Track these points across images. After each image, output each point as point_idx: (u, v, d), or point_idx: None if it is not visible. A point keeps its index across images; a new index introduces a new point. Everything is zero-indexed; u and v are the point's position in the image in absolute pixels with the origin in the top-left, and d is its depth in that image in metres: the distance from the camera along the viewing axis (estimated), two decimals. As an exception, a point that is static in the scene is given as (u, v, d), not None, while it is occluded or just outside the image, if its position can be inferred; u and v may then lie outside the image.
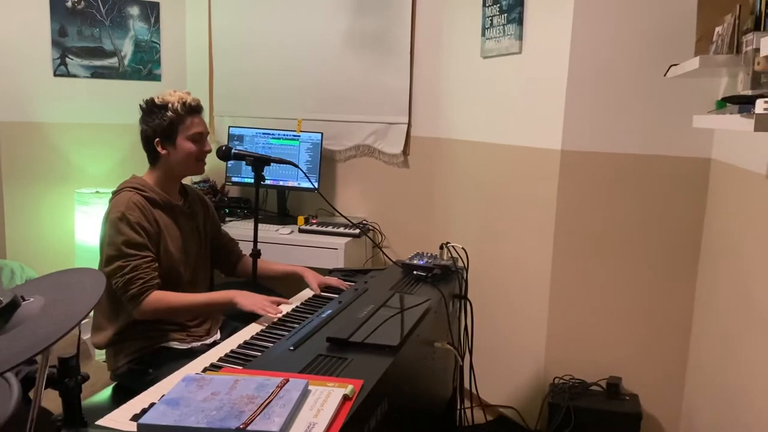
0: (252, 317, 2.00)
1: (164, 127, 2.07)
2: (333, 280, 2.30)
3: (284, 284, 2.45)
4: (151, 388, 1.47)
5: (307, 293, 2.24)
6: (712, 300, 2.35)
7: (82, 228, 3.38)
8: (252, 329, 1.89)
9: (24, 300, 1.15)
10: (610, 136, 2.53)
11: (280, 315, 1.96)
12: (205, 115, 2.20)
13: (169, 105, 2.06)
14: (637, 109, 2.49)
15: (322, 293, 2.23)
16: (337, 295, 2.12)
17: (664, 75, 2.22)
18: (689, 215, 2.50)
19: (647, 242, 2.55)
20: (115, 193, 2.07)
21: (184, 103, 2.08)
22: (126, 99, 3.57)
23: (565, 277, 2.65)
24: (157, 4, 3.68)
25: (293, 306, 2.10)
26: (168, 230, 2.09)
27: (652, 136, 2.49)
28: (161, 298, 1.99)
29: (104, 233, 2.01)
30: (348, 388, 1.26)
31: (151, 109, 2.09)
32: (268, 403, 1.18)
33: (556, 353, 2.71)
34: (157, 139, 2.08)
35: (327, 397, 1.23)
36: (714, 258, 2.36)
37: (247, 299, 2.00)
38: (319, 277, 2.30)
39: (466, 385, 2.40)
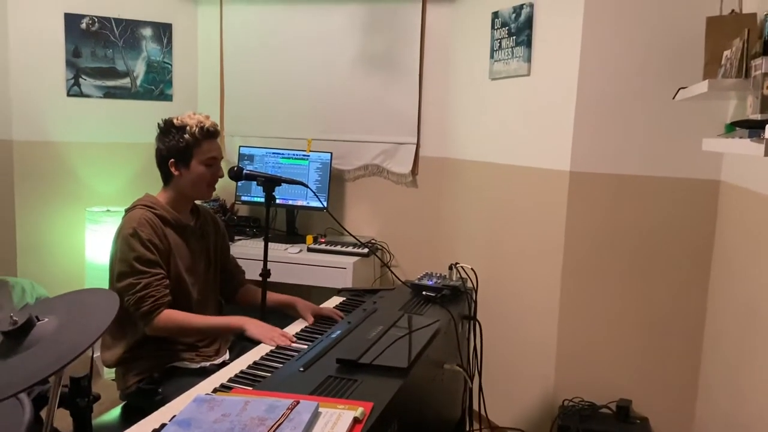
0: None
1: (180, 149, 2.09)
2: (327, 310, 2.23)
3: (279, 314, 2.39)
4: (162, 409, 1.47)
5: (302, 323, 2.18)
6: (722, 322, 2.34)
7: (92, 246, 3.40)
8: (261, 349, 1.89)
9: (38, 320, 1.16)
10: (619, 158, 2.54)
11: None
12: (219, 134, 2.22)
13: (188, 128, 2.08)
14: (646, 131, 2.50)
15: (317, 324, 2.17)
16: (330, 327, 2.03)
17: (673, 98, 2.23)
18: (699, 237, 2.49)
19: (657, 264, 2.54)
20: (128, 210, 2.10)
21: (202, 128, 2.10)
22: (137, 119, 3.61)
23: (574, 299, 2.65)
24: (170, 25, 3.74)
25: (301, 327, 2.09)
26: (178, 249, 2.10)
27: (661, 157, 2.49)
28: (173, 317, 2.00)
29: (115, 249, 2.03)
30: (358, 411, 1.26)
31: (169, 129, 2.11)
32: (279, 425, 1.18)
33: (566, 375, 2.69)
34: (172, 160, 2.10)
35: (337, 419, 1.23)
36: (724, 280, 2.35)
37: (257, 328, 2.00)
38: (312, 306, 2.24)
39: (475, 406, 2.39)
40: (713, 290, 2.47)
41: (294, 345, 1.92)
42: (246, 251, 3.25)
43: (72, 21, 3.44)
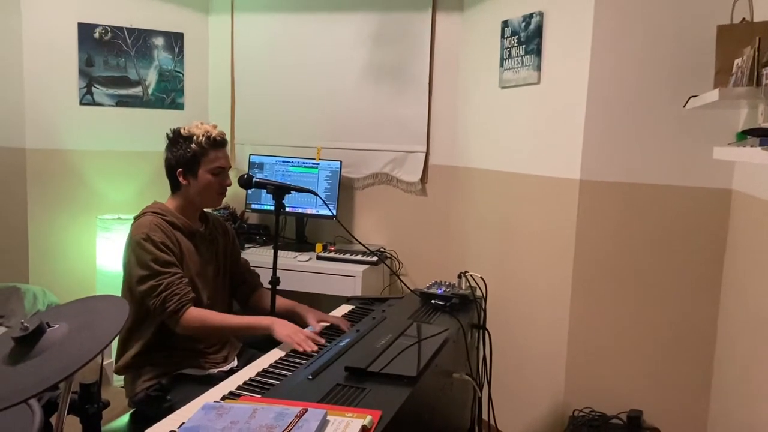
0: (270, 345, 2.00)
1: (187, 158, 2.11)
2: (334, 319, 2.19)
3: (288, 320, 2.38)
4: (170, 416, 1.47)
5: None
6: (734, 332, 2.32)
7: (103, 254, 3.42)
8: (270, 357, 1.89)
9: (49, 326, 1.17)
10: (630, 167, 2.53)
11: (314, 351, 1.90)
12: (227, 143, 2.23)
13: (194, 137, 2.11)
14: (656, 140, 2.49)
15: (325, 332, 2.12)
16: (337, 336, 2.00)
17: (684, 106, 2.22)
18: (710, 246, 2.47)
19: (668, 273, 2.53)
20: (136, 218, 2.11)
21: (208, 137, 2.12)
22: (149, 127, 3.64)
23: (584, 308, 2.63)
24: (182, 34, 3.77)
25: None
26: (188, 254, 2.12)
27: (672, 166, 2.48)
28: (203, 315, 2.02)
29: (128, 256, 2.04)
30: (366, 419, 1.25)
31: (177, 140, 2.13)
32: (287, 433, 1.17)
33: (576, 385, 2.67)
34: (180, 169, 2.12)
35: (345, 427, 1.23)
36: (735, 289, 2.33)
37: (284, 329, 1.97)
38: (319, 315, 2.22)
39: (485, 416, 2.38)
40: (725, 299, 2.45)
41: (302, 353, 1.92)
42: (256, 259, 3.24)
43: (85, 30, 3.48)
